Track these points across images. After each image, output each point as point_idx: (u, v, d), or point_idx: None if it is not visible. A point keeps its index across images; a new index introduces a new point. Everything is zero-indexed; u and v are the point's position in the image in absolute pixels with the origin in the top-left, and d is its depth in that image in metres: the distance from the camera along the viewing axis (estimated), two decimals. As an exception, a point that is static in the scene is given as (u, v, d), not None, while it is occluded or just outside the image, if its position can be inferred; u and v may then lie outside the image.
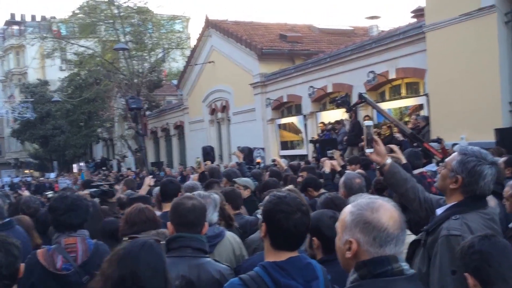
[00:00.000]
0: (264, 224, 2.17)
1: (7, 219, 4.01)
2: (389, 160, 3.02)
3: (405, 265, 1.75)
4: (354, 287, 1.74)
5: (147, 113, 27.88)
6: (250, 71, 19.63)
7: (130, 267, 1.90)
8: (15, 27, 53.16)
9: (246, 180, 5.66)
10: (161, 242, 2.08)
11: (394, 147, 4.72)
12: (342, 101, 10.49)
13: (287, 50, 19.37)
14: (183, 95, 26.20)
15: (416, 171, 5.09)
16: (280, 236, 2.15)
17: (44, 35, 30.03)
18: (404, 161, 4.69)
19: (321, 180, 5.96)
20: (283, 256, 2.13)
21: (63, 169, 36.87)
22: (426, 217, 2.88)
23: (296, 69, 17.57)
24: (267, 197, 2.22)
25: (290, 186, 4.36)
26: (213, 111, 23.26)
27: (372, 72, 13.67)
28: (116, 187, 7.47)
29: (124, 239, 3.12)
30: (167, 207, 4.00)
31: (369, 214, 1.74)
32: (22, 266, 2.46)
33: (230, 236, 3.42)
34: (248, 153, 13.45)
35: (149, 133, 28.29)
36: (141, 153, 27.63)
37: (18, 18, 55.91)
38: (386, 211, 1.75)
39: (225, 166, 15.12)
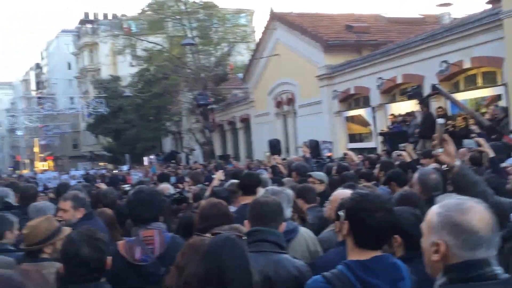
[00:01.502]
0: (347, 222, 2.14)
1: (90, 211, 4.22)
2: (458, 162, 2.86)
3: (498, 269, 1.65)
4: (442, 291, 1.66)
5: (214, 106, 28.38)
6: (315, 63, 19.44)
7: (215, 262, 1.94)
8: (89, 26, 55.71)
9: (321, 174, 5.66)
10: (243, 238, 2.10)
11: (481, 140, 4.49)
12: (414, 93, 10.15)
13: (354, 41, 19.00)
14: (249, 88, 26.41)
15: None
16: (363, 235, 2.11)
17: (116, 32, 31.31)
18: (492, 154, 4.45)
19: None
20: (367, 254, 2.10)
21: (134, 162, 38.29)
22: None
23: (364, 60, 17.20)
24: (350, 194, 2.18)
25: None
26: (279, 104, 23.26)
27: (445, 61, 13.13)
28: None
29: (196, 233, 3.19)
30: (244, 200, 4.02)
31: (458, 215, 1.66)
32: (110, 259, 2.58)
33: (305, 232, 3.39)
34: (315, 146, 13.35)
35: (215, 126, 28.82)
36: (208, 147, 28.27)
37: (91, 17, 58.62)
38: (477, 213, 1.66)
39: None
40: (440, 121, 2.88)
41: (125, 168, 32.73)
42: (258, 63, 24.65)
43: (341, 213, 2.20)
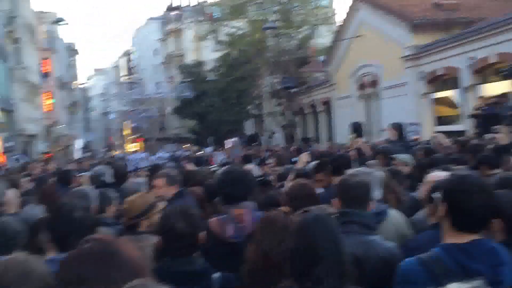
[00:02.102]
0: (444, 204, 2.07)
1: (181, 189, 4.42)
2: None
3: None
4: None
5: (298, 89, 28.38)
6: (401, 43, 18.74)
7: (306, 239, 1.98)
8: (174, 13, 57.47)
9: (406, 157, 5.51)
10: (333, 216, 2.12)
11: None
12: (510, 72, 9.49)
13: (443, 19, 18.06)
14: (330, 71, 26.06)
15: None
16: (462, 217, 2.04)
17: (199, 19, 32.07)
18: None
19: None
20: (465, 238, 2.03)
21: (217, 144, 39.33)
22: None
23: (454, 39, 16.32)
24: (446, 176, 2.12)
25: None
26: (361, 87, 22.76)
27: (546, 38, 12.16)
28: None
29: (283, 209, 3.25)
30: (335, 181, 4.03)
31: None
32: (202, 234, 2.70)
33: (394, 214, 3.32)
34: (400, 129, 12.88)
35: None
36: (289, 130, 28.35)
37: (176, 4, 60.42)
38: None
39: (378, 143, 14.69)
40: None
41: (208, 150, 33.73)
42: (340, 45, 24.19)
43: (437, 194, 2.14)
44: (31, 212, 3.94)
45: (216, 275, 2.69)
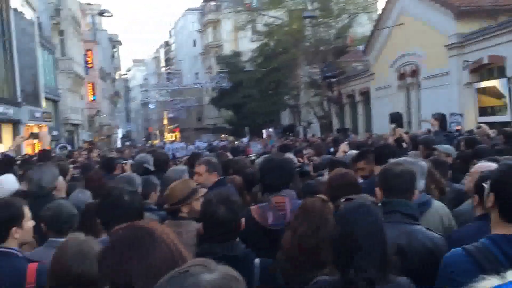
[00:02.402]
0: (493, 195, 2.03)
1: (222, 177, 4.48)
2: None
3: None
4: None
5: (338, 78, 28.11)
6: (445, 32, 18.24)
7: (348, 227, 1.98)
8: (213, 3, 57.72)
9: (447, 147, 5.40)
10: (378, 205, 2.11)
11: None
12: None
13: (489, 7, 17.45)
14: (369, 60, 25.65)
15: None
16: (511, 208, 1.99)
17: (238, 8, 32.15)
18: None
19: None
20: None
21: (254, 134, 39.48)
22: None
23: (500, 26, 15.76)
24: (495, 166, 2.07)
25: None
26: (401, 76, 22.30)
27: None
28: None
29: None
30: (378, 170, 3.99)
31: None
32: (243, 220, 2.74)
33: (438, 205, 3.27)
34: (441, 119, 12.62)
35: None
36: (326, 120, 28.13)
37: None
38: None
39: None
40: None
41: (245, 140, 33.92)
42: (380, 34, 23.76)
43: (485, 185, 2.09)
44: (80, 196, 4.10)
45: (257, 260, 2.73)
